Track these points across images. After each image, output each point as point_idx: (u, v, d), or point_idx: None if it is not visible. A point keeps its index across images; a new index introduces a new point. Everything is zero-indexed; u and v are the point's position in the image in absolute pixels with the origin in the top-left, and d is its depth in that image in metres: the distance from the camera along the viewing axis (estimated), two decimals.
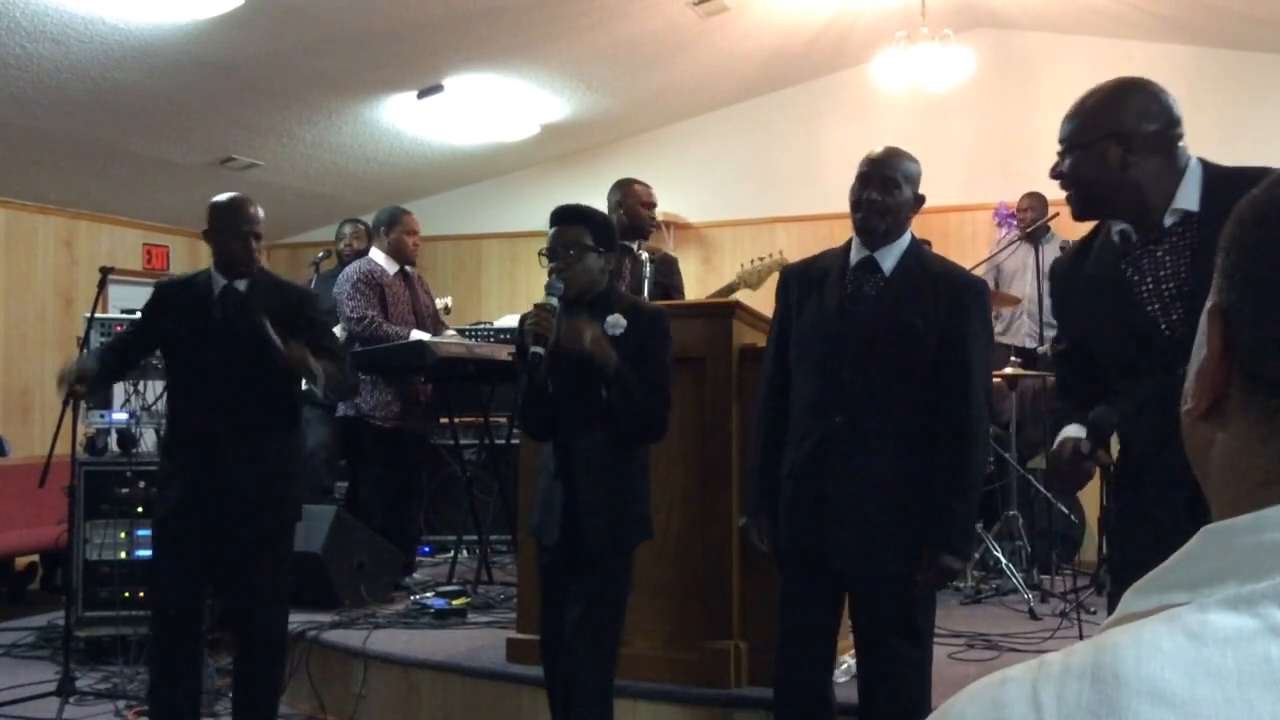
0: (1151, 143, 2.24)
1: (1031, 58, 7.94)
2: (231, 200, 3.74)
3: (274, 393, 3.68)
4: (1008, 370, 5.43)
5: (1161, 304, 2.25)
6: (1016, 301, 6.23)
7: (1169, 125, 2.26)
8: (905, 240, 2.87)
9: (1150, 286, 2.26)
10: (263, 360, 3.56)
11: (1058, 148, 2.39)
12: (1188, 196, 2.24)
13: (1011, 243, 6.54)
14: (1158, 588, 0.62)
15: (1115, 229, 2.33)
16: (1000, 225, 7.64)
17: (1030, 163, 7.72)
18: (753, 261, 5.04)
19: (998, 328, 6.44)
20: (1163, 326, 2.24)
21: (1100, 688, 0.56)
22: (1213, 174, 2.26)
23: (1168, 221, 2.25)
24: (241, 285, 3.68)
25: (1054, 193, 7.18)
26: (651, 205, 4.99)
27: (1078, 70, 7.83)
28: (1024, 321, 6.68)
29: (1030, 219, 6.69)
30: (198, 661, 3.74)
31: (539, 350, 3.00)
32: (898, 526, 2.72)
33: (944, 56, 6.73)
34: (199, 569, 3.63)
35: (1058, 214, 5.67)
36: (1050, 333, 6.07)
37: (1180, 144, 2.27)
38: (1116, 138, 2.25)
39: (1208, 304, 0.66)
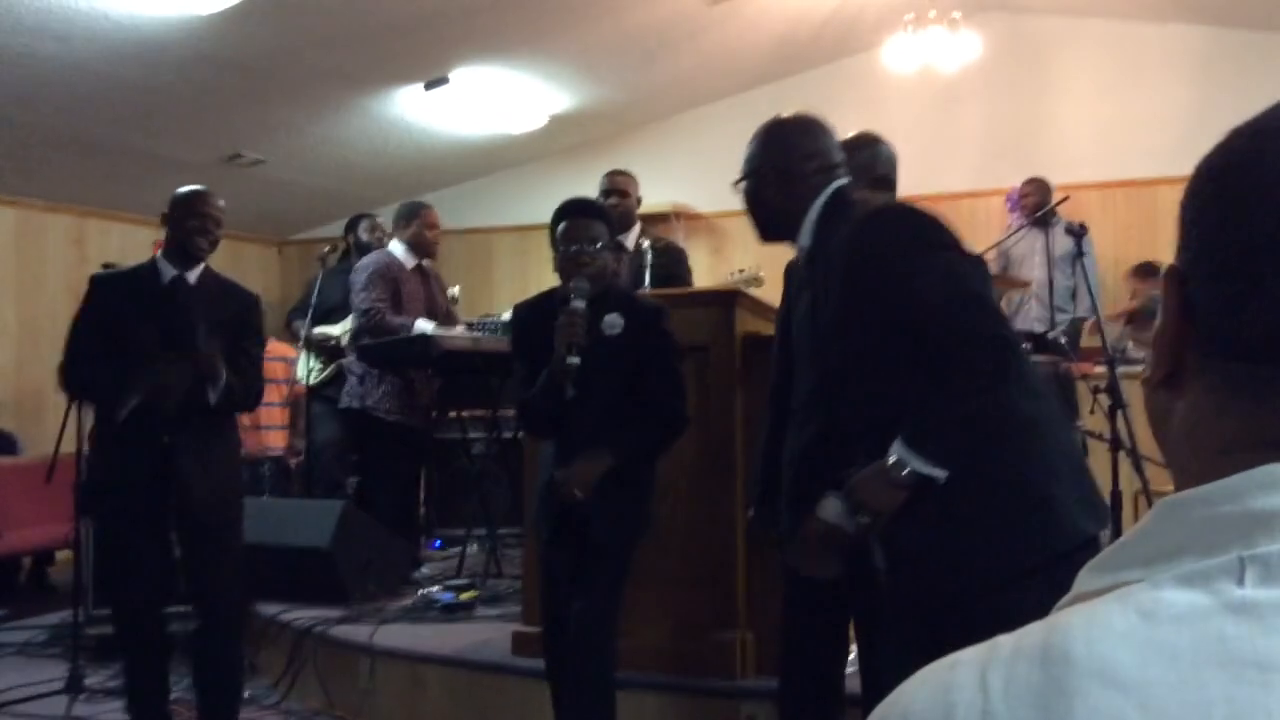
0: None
1: (1043, 41, 7.88)
2: (195, 188, 3.73)
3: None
4: None
5: (798, 333, 2.52)
6: (1026, 285, 6.18)
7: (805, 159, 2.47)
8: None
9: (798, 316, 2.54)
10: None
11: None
12: (805, 233, 2.45)
13: (1019, 229, 6.48)
14: (1112, 565, 0.59)
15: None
16: (1012, 211, 7.58)
17: (1042, 148, 7.68)
18: (734, 274, 4.99)
19: (1005, 312, 6.38)
20: (801, 354, 2.52)
21: (1050, 669, 0.54)
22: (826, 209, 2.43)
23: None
24: (192, 277, 3.63)
25: (1059, 177, 7.17)
26: (623, 193, 5.03)
27: (1090, 53, 7.79)
28: (1032, 306, 6.64)
29: (1033, 204, 6.66)
30: (166, 659, 3.74)
31: (576, 361, 2.98)
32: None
33: (953, 41, 6.67)
34: (155, 569, 3.63)
35: (1067, 198, 5.62)
36: (1061, 317, 6.02)
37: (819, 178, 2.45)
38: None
39: (1165, 266, 0.63)
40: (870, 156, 2.82)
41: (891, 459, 2.16)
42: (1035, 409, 2.23)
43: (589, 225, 3.15)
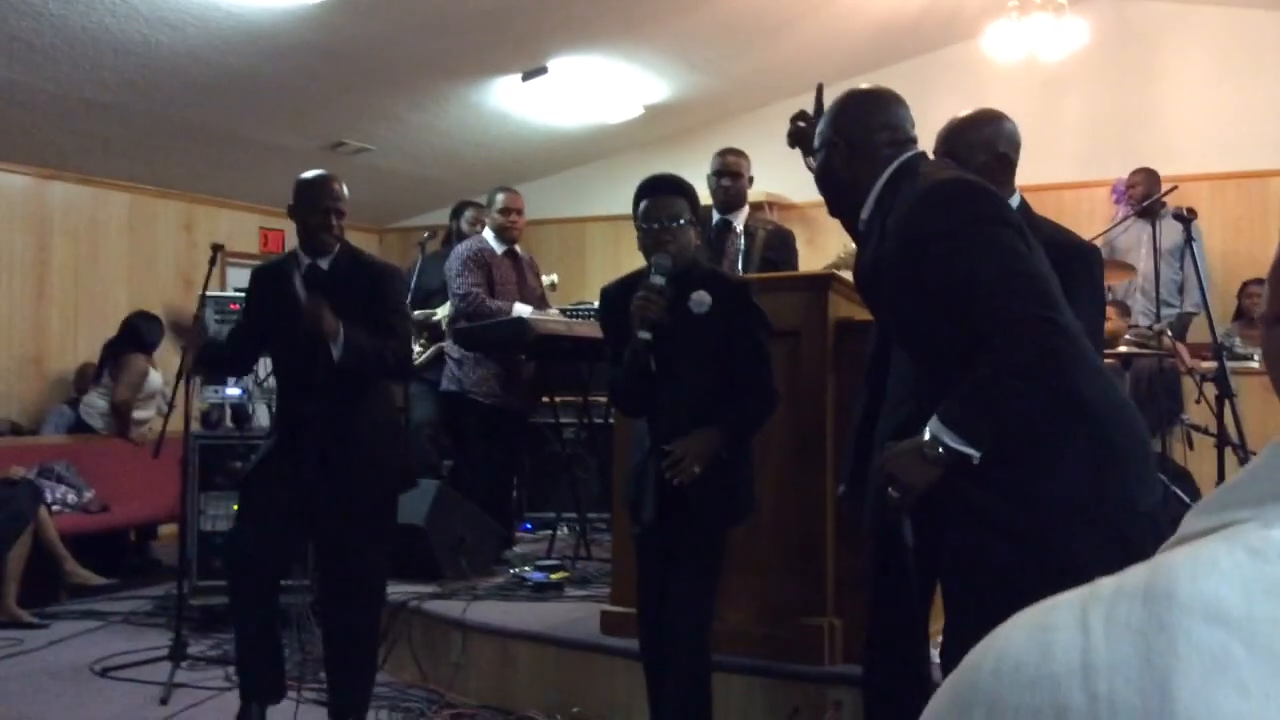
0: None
1: (1151, 28, 7.66)
2: (315, 176, 3.73)
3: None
4: (1122, 349, 5.25)
5: None
6: (1132, 271, 6.01)
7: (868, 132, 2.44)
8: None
9: None
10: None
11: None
12: (868, 205, 2.41)
13: (1125, 218, 6.31)
14: (1219, 506, 0.58)
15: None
16: (1118, 202, 7.39)
17: (1149, 138, 7.48)
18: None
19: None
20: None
21: (1152, 607, 0.53)
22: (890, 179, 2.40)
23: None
24: (324, 263, 3.67)
25: (1166, 168, 6.96)
26: (735, 174, 5.02)
27: (1200, 41, 7.56)
28: (1138, 299, 6.47)
29: (1140, 194, 6.49)
30: (275, 627, 3.81)
31: (647, 336, 2.99)
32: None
33: (1058, 27, 6.53)
34: (280, 540, 3.70)
35: (1175, 187, 5.47)
36: (1167, 311, 5.86)
37: (890, 150, 2.40)
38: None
39: None
40: (992, 133, 2.78)
41: (926, 435, 2.15)
42: (1094, 390, 2.19)
43: (671, 202, 3.14)
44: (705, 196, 4.17)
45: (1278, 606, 0.50)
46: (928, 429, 2.16)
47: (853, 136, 2.43)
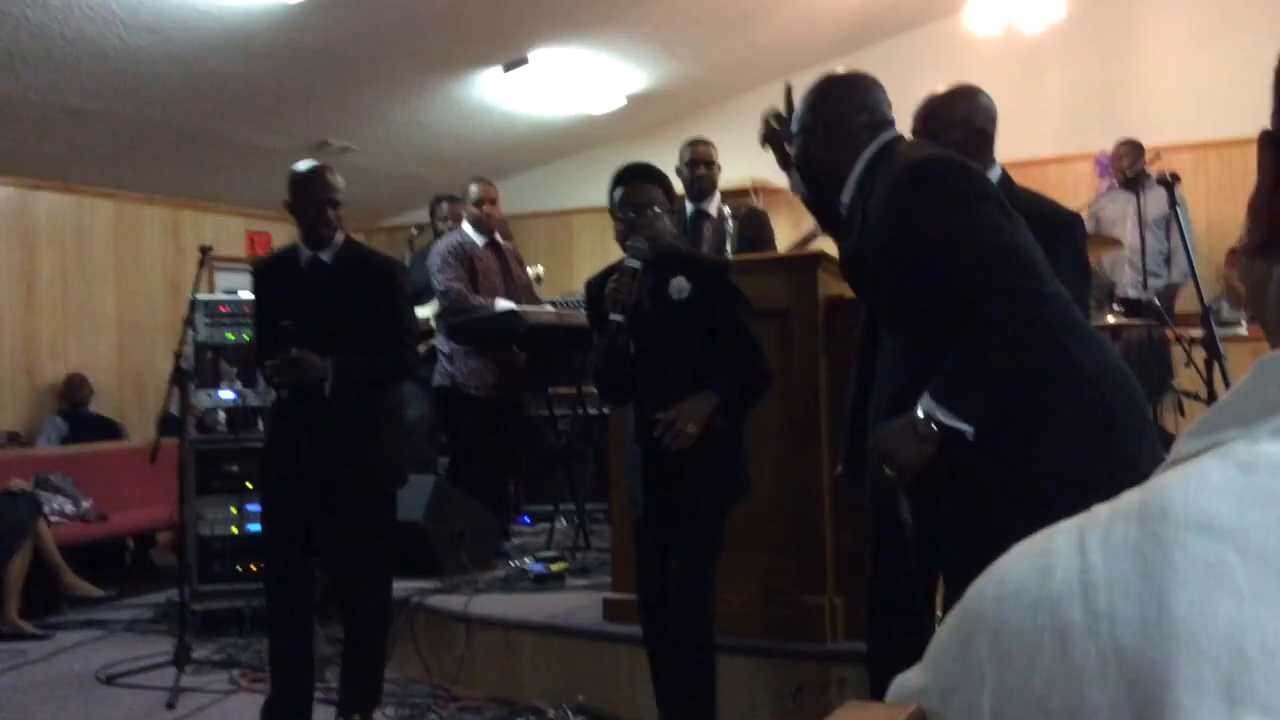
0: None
1: None
2: (308, 169, 3.72)
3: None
4: (1110, 320, 5.26)
5: None
6: (1118, 244, 6.03)
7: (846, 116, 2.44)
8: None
9: None
10: (352, 332, 3.61)
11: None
12: (849, 188, 2.41)
13: (1109, 188, 6.32)
14: (1210, 427, 0.59)
15: None
16: (1102, 175, 7.40)
17: (1130, 109, 7.49)
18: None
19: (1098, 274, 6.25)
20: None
21: (1147, 525, 0.54)
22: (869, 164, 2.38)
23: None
24: (326, 256, 3.69)
25: (1148, 139, 6.96)
26: (709, 162, 5.06)
27: (1180, 7, 7.57)
28: (1125, 270, 6.49)
29: (1128, 165, 6.51)
30: (310, 628, 3.82)
31: (618, 318, 2.99)
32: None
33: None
34: (305, 538, 3.71)
35: (1158, 155, 5.49)
36: (1154, 281, 5.88)
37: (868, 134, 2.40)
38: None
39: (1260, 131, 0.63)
40: (969, 109, 2.78)
41: (919, 413, 2.15)
42: (1087, 355, 2.19)
43: (646, 189, 3.16)
44: (677, 187, 4.21)
45: (1269, 515, 0.51)
46: (919, 406, 2.16)
47: (831, 121, 2.43)
